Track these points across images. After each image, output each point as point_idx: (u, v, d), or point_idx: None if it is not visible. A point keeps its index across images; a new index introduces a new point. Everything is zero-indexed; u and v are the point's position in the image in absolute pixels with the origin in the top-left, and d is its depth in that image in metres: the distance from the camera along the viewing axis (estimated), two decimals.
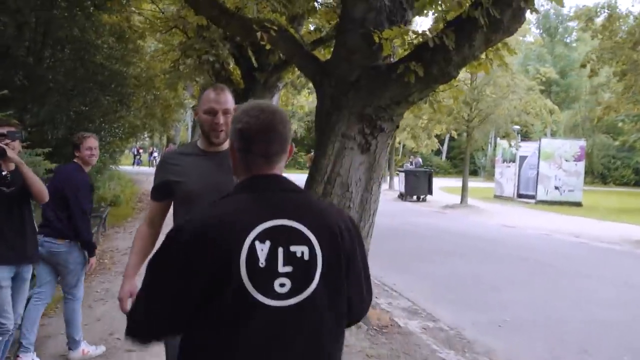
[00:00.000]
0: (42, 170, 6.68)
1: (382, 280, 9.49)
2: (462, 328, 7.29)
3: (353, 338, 6.33)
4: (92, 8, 13.54)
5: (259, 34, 6.36)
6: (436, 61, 5.91)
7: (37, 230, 5.01)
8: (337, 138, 6.44)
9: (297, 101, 29.94)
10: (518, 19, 5.78)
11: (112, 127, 15.97)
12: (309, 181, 6.64)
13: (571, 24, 71.35)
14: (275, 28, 6.51)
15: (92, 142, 5.42)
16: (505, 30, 5.80)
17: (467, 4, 5.66)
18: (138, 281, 2.41)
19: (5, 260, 4.43)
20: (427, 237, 15.51)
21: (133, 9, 15.98)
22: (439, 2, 5.93)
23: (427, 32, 6.02)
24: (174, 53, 15.26)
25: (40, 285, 5.41)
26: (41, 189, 4.50)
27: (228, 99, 3.07)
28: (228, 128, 2.93)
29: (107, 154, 16.76)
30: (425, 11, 6.78)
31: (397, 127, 6.76)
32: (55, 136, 11.46)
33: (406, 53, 6.68)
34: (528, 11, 5.87)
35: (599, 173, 52.58)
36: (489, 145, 50.01)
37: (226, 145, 3.02)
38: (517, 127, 27.79)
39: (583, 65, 20.13)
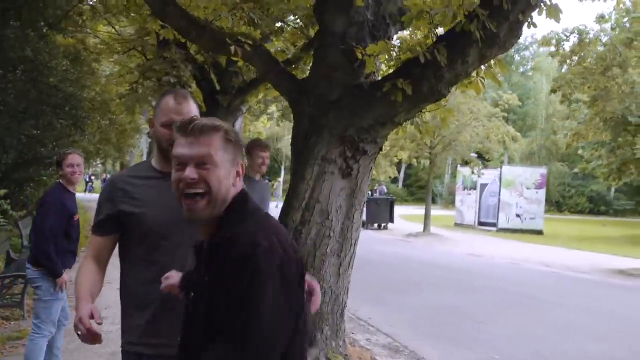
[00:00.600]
0: None
1: (357, 314, 8.96)
2: None
3: None
4: (45, 29, 13.06)
5: (232, 48, 5.84)
6: (426, 78, 5.46)
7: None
8: (316, 161, 5.95)
9: (255, 127, 29.40)
10: (515, 33, 5.39)
11: None
12: (285, 208, 6.13)
13: (527, 53, 72.96)
14: (250, 42, 6.00)
15: (75, 158, 5.04)
16: (501, 46, 5.40)
17: (461, 17, 5.23)
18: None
19: None
20: (395, 266, 15.05)
21: (88, 30, 15.44)
22: (428, 16, 5.47)
23: (417, 47, 5.58)
24: (132, 75, 14.67)
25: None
26: None
27: (192, 109, 2.51)
28: None
29: None
30: (411, 26, 6.33)
31: (381, 149, 6.29)
32: (5, 161, 10.84)
33: (390, 70, 6.26)
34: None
35: (555, 201, 53.20)
36: (447, 172, 50.15)
37: None
38: (474, 154, 27.71)
39: (553, 91, 20.13)
